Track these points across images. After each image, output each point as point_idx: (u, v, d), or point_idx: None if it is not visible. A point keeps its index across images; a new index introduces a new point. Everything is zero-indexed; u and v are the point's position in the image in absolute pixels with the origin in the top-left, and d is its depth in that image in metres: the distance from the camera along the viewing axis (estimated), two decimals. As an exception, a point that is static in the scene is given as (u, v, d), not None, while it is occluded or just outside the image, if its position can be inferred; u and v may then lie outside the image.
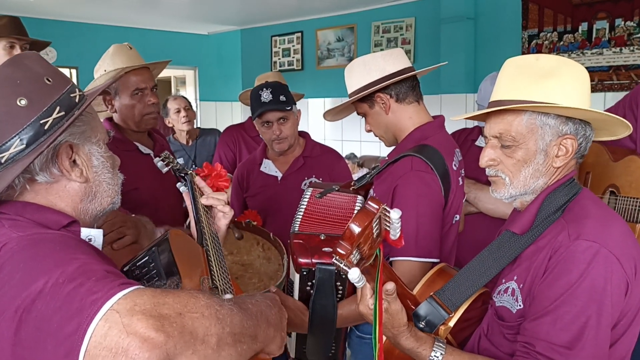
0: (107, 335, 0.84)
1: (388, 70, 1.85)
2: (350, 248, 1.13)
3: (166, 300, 0.91)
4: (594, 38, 4.77)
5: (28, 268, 0.92)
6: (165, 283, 1.18)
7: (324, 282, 1.45)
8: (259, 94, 2.61)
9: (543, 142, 1.33)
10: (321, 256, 1.50)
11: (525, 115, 1.33)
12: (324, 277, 1.45)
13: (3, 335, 0.89)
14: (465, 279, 1.39)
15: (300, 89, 4.28)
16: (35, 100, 1.06)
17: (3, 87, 1.06)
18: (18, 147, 1.04)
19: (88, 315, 0.86)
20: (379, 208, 1.19)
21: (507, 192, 1.39)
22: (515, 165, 1.36)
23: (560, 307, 1.22)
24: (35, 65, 1.11)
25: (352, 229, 1.14)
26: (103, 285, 0.90)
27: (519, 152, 1.35)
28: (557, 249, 1.26)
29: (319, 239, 1.54)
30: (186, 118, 4.08)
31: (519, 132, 1.34)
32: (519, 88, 1.33)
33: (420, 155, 1.74)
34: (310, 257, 1.50)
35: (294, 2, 6.19)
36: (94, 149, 1.18)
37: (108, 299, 0.87)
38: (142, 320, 0.86)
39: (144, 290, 0.92)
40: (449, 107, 5.50)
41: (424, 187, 1.73)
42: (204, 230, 1.45)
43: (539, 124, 1.33)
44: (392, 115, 1.90)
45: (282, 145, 2.66)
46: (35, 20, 6.21)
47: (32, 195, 1.10)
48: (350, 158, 6.01)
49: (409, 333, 1.33)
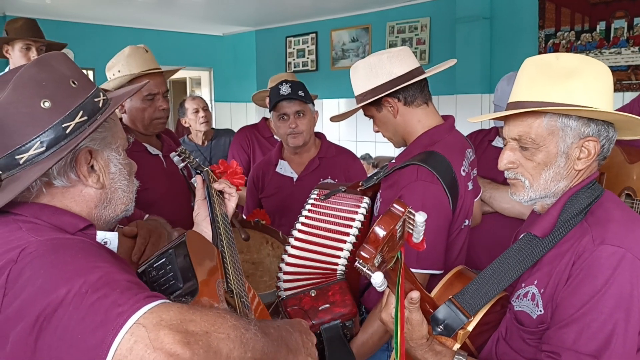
0: (133, 349, 0.84)
1: (395, 72, 1.81)
2: (374, 252, 1.10)
3: (193, 317, 0.91)
4: (612, 37, 4.71)
5: (49, 275, 0.91)
6: (181, 286, 1.17)
7: (333, 339, 1.44)
8: (278, 88, 2.64)
9: (564, 145, 1.30)
10: (321, 317, 1.49)
11: (546, 117, 1.29)
12: (332, 335, 1.44)
13: (23, 341, 0.88)
14: (485, 282, 1.36)
15: (314, 90, 4.26)
16: (59, 103, 1.05)
17: (28, 88, 1.04)
18: (38, 149, 1.04)
19: (113, 328, 0.85)
20: (404, 211, 1.16)
21: (526, 195, 1.36)
22: (535, 169, 1.32)
23: (587, 315, 1.19)
24: (62, 67, 1.10)
25: (377, 233, 1.11)
26: (128, 297, 0.89)
27: (539, 154, 1.31)
28: (580, 254, 1.23)
29: (310, 297, 1.52)
30: (204, 118, 4.09)
31: (539, 135, 1.30)
32: (539, 89, 1.29)
33: (427, 165, 1.70)
34: (310, 321, 1.49)
35: (308, 3, 6.18)
36: (113, 156, 1.17)
37: (134, 313, 0.87)
38: (168, 335, 0.85)
39: (170, 305, 0.92)
40: (464, 107, 5.46)
41: (428, 198, 1.69)
42: (219, 230, 1.45)
43: (560, 126, 1.29)
44: (401, 118, 1.86)
45: (297, 140, 2.65)
46: (52, 22, 6.26)
47: (48, 198, 1.09)
48: (365, 158, 5.99)
49: (427, 347, 1.30)
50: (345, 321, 1.55)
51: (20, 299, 0.90)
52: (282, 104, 2.64)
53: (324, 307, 1.31)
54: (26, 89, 1.04)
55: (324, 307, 1.32)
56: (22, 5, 5.83)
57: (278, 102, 2.63)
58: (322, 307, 1.35)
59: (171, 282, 1.19)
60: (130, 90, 1.26)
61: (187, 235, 1.27)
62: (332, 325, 1.36)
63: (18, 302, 0.89)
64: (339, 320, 1.52)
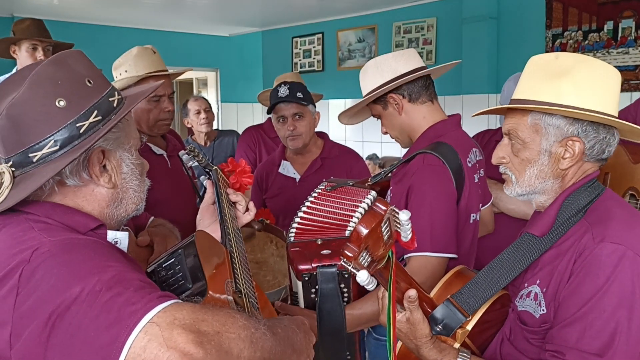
0: (147, 347, 0.85)
1: (400, 70, 1.84)
2: (357, 250, 1.10)
3: (205, 317, 0.92)
4: (620, 37, 4.68)
5: (62, 274, 0.91)
6: (190, 286, 1.18)
7: (328, 285, 1.43)
8: (277, 90, 2.65)
9: (547, 143, 1.32)
10: (321, 259, 1.48)
11: (530, 115, 1.32)
12: (326, 279, 1.43)
13: (35, 340, 0.88)
14: (483, 281, 1.36)
15: (320, 90, 4.26)
16: (74, 102, 1.06)
17: (44, 86, 1.05)
18: (51, 148, 1.04)
19: (127, 327, 0.86)
20: (386, 210, 1.16)
21: (513, 190, 1.40)
22: (520, 164, 1.36)
23: (589, 314, 1.19)
24: (78, 66, 1.10)
25: (359, 231, 1.12)
26: (141, 296, 0.90)
27: (525, 151, 1.34)
28: (581, 252, 1.23)
29: (316, 244, 1.52)
30: (205, 120, 4.10)
31: (524, 132, 1.33)
32: (532, 87, 1.32)
33: (433, 152, 1.73)
34: (309, 262, 1.48)
35: (314, 3, 6.18)
36: (125, 156, 1.17)
37: (148, 311, 0.87)
38: (182, 334, 0.86)
39: (183, 304, 0.93)
40: (471, 107, 5.43)
41: (436, 180, 1.71)
42: (228, 230, 1.44)
43: (543, 125, 1.31)
44: (406, 115, 1.88)
45: (296, 142, 2.65)
46: (59, 23, 6.28)
47: (60, 197, 1.09)
48: (372, 159, 5.98)
49: (431, 344, 1.31)
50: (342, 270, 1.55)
51: (33, 297, 0.90)
52: (279, 106, 2.65)
53: (325, 252, 1.31)
54: (42, 88, 1.05)
55: (325, 251, 1.32)
56: (30, 6, 5.87)
57: (275, 104, 2.64)
58: (324, 251, 1.35)
59: (180, 282, 1.19)
60: (146, 90, 1.26)
61: (196, 235, 1.27)
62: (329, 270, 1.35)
63: (31, 301, 0.90)
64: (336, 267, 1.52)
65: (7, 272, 0.94)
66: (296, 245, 1.50)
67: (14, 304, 0.91)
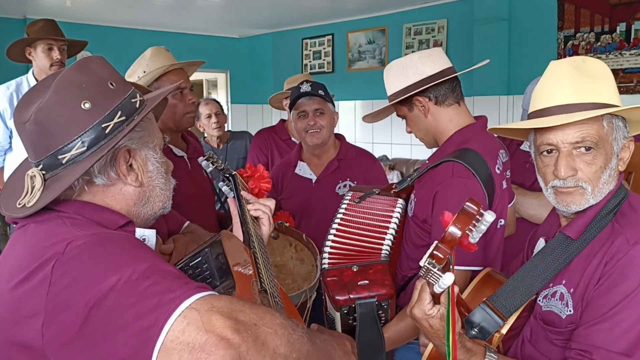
0: (185, 330, 0.87)
1: (426, 72, 1.80)
2: (449, 252, 1.08)
3: (243, 309, 0.94)
4: (633, 38, 4.66)
5: (98, 264, 0.95)
6: (218, 283, 1.20)
7: (367, 316, 1.43)
8: (299, 87, 2.66)
9: (617, 146, 1.30)
10: (359, 291, 1.47)
11: (605, 118, 1.29)
12: (365, 312, 1.43)
13: (69, 327, 0.90)
14: (519, 284, 1.34)
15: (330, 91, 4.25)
16: (98, 104, 1.09)
17: (69, 90, 1.08)
18: (79, 149, 1.07)
19: (167, 311, 0.88)
20: (478, 209, 1.11)
21: (587, 202, 1.30)
22: (595, 174, 1.29)
23: (619, 314, 1.19)
24: (100, 70, 1.13)
25: (452, 232, 1.09)
26: (179, 285, 0.93)
27: (601, 157, 1.29)
28: (614, 254, 1.23)
29: (352, 271, 1.51)
30: (217, 124, 4.10)
31: (601, 137, 1.28)
32: (578, 91, 1.28)
33: (462, 161, 1.68)
34: (347, 294, 1.47)
35: (324, 5, 6.18)
36: (150, 154, 1.20)
37: (186, 298, 0.90)
38: (220, 320, 0.89)
39: (220, 295, 0.96)
40: (482, 109, 5.41)
41: (465, 194, 1.64)
42: (250, 232, 1.45)
43: (615, 127, 1.30)
44: (432, 118, 1.85)
45: (315, 137, 2.64)
46: (71, 24, 6.31)
47: (89, 197, 1.12)
48: (382, 160, 5.98)
49: (459, 344, 1.28)
50: (381, 300, 1.54)
51: (68, 288, 0.93)
52: (301, 101, 2.65)
53: (363, 283, 1.30)
54: (67, 92, 1.08)
55: (362, 282, 1.31)
56: (42, 7, 5.91)
57: (298, 99, 2.63)
58: (361, 282, 1.34)
59: (208, 280, 1.22)
60: (166, 90, 1.29)
61: (222, 234, 1.29)
62: (368, 301, 1.34)
63: (66, 291, 0.92)
64: (375, 298, 1.51)
65: (40, 264, 0.96)
66: (332, 274, 1.50)
67: (46, 294, 0.93)
